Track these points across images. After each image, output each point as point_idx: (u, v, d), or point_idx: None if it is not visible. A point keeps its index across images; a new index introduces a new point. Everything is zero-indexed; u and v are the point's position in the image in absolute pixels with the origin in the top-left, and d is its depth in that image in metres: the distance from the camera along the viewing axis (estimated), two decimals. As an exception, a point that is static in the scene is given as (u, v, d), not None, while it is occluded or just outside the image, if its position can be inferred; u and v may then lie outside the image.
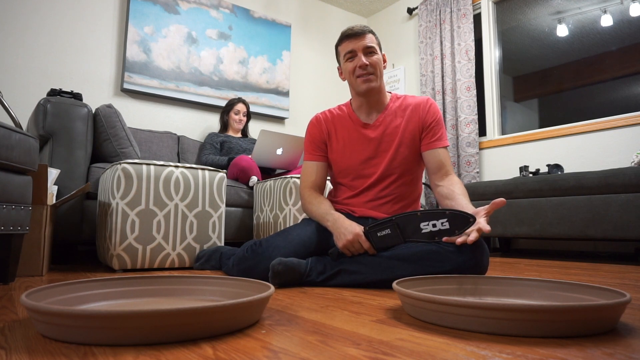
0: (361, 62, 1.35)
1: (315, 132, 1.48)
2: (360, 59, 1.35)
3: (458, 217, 0.91)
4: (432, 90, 3.64)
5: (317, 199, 1.39)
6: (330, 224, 1.28)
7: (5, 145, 1.17)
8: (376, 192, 1.41)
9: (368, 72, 1.36)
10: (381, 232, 1.04)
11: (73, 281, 0.83)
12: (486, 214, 1.12)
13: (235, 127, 3.06)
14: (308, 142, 1.50)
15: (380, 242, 1.09)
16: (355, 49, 1.36)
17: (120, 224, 1.68)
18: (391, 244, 1.10)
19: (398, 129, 1.41)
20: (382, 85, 1.42)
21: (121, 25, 3.09)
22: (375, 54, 1.37)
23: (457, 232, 0.90)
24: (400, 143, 1.40)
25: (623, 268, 1.89)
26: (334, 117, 1.49)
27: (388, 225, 1.01)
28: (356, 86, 1.39)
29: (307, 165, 1.48)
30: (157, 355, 0.57)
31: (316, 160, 1.48)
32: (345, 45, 1.38)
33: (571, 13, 3.15)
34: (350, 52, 1.37)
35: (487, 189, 2.72)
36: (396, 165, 1.40)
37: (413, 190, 1.44)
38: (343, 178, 1.47)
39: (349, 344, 0.62)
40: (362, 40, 1.36)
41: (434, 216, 0.91)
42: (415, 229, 0.91)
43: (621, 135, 2.68)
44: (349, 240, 1.20)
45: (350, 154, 1.43)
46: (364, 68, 1.35)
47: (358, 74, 1.37)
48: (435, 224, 0.81)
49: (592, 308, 0.64)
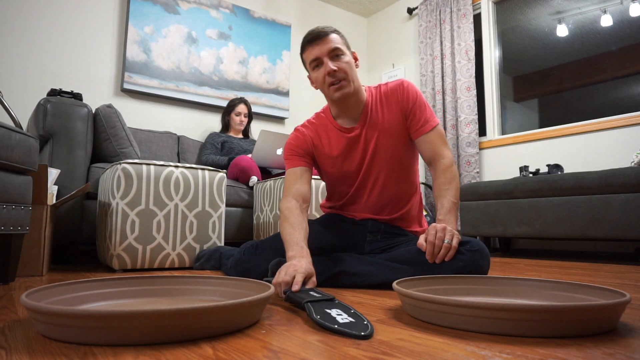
0: (329, 69, 1.23)
1: (299, 143, 1.37)
2: (328, 65, 1.24)
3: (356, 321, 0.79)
4: (432, 90, 3.64)
5: (296, 219, 1.20)
6: (289, 255, 1.10)
7: (6, 145, 1.17)
8: (371, 193, 1.37)
9: (338, 78, 1.25)
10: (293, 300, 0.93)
11: (73, 281, 0.83)
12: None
13: (236, 128, 3.06)
14: (289, 152, 1.37)
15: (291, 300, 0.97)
16: (319, 56, 1.25)
17: (120, 224, 1.68)
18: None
19: (378, 122, 1.33)
20: (357, 84, 1.31)
21: (121, 25, 3.09)
22: (342, 55, 1.26)
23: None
24: (379, 133, 1.32)
25: (623, 268, 1.89)
26: (316, 127, 1.39)
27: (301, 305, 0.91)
28: (330, 95, 1.29)
29: (289, 173, 1.34)
30: (157, 355, 0.57)
31: (301, 166, 1.34)
32: (309, 52, 1.27)
33: (571, 13, 3.14)
34: (316, 60, 1.26)
35: (487, 189, 2.72)
36: (383, 158, 1.33)
37: (409, 185, 1.38)
38: (337, 187, 1.42)
39: (349, 344, 0.62)
40: (325, 44, 1.24)
41: (343, 309, 0.80)
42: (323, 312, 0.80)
43: (621, 135, 2.68)
44: (281, 282, 0.96)
45: (341, 163, 1.36)
46: (332, 75, 1.24)
47: (328, 82, 1.26)
48: (341, 314, 0.77)
49: (592, 308, 0.64)
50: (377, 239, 1.37)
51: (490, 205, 2.70)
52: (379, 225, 1.38)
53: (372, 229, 1.38)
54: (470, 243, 1.15)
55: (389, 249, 1.32)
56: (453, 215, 1.21)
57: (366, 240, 1.38)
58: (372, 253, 1.34)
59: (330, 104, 1.37)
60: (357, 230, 1.39)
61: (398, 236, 1.37)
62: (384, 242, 1.36)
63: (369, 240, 1.37)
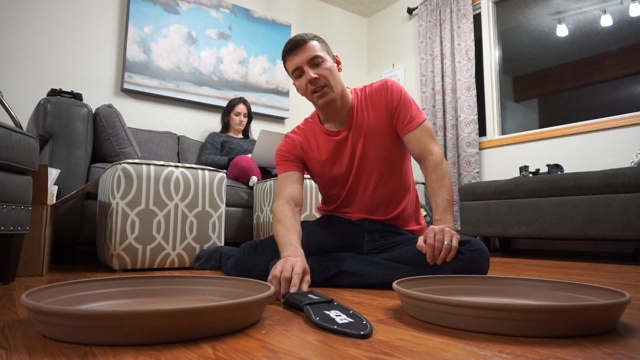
0: (310, 77, 1.25)
1: (289, 149, 1.40)
2: (308, 73, 1.26)
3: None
4: (432, 90, 3.64)
5: (289, 221, 1.22)
6: (284, 255, 1.12)
7: (6, 145, 1.17)
8: (363, 194, 1.37)
9: (320, 85, 1.26)
10: (293, 301, 0.93)
11: (73, 281, 0.83)
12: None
13: (236, 128, 3.06)
14: (280, 158, 1.40)
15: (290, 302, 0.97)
16: (299, 65, 1.26)
17: (120, 224, 1.68)
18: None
19: (364, 124, 1.34)
20: (341, 89, 1.32)
21: (121, 25, 3.09)
22: (323, 61, 1.27)
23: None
24: (366, 135, 1.33)
25: (623, 268, 1.89)
26: (305, 132, 1.42)
27: (301, 307, 0.91)
28: (314, 101, 1.31)
29: (281, 178, 1.37)
30: (157, 355, 0.57)
31: (292, 170, 1.37)
32: (290, 61, 1.29)
33: (571, 13, 3.14)
34: (297, 70, 1.28)
35: (487, 189, 2.72)
36: (371, 159, 1.34)
37: (402, 184, 1.38)
38: (329, 190, 1.43)
39: (349, 344, 0.62)
40: (305, 52, 1.26)
41: (342, 309, 0.81)
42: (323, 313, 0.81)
43: (621, 135, 2.68)
44: (278, 276, 1.00)
45: (330, 167, 1.38)
46: (314, 83, 1.26)
47: (311, 89, 1.28)
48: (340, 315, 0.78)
49: (592, 308, 0.64)
50: (376, 238, 1.38)
51: (490, 205, 2.70)
52: (376, 225, 1.39)
53: (370, 229, 1.39)
54: (470, 242, 1.16)
55: (389, 249, 1.32)
56: (449, 213, 1.22)
57: (365, 240, 1.38)
58: (372, 253, 1.34)
59: (317, 110, 1.39)
60: (355, 231, 1.39)
61: (396, 235, 1.38)
62: (382, 241, 1.36)
63: (367, 240, 1.38)
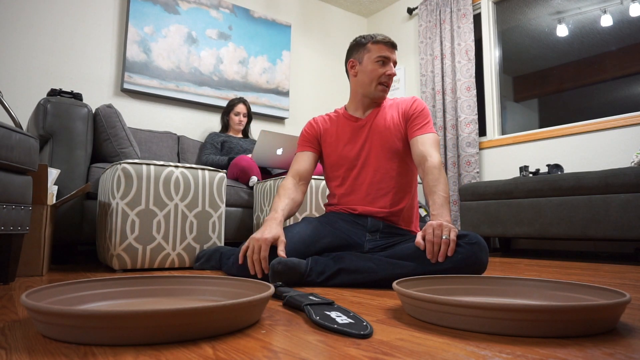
0: (393, 72, 1.43)
1: (310, 130, 1.56)
2: (392, 69, 1.44)
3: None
4: (432, 90, 3.64)
5: (285, 191, 1.43)
6: (266, 218, 1.36)
7: (5, 145, 1.17)
8: (370, 184, 1.43)
9: (389, 83, 1.45)
10: (285, 293, 0.96)
11: (73, 281, 0.83)
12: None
13: (235, 127, 3.06)
14: (300, 139, 1.57)
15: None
16: (391, 59, 1.44)
17: (120, 224, 1.68)
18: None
19: (383, 121, 1.47)
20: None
21: (121, 25, 3.09)
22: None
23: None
24: (382, 130, 1.45)
25: (623, 268, 1.89)
26: (330, 118, 1.57)
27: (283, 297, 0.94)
28: (373, 90, 1.45)
29: (296, 157, 1.55)
30: (157, 355, 0.57)
31: (305, 151, 1.54)
32: (382, 48, 1.43)
33: (571, 13, 3.14)
34: (386, 58, 1.43)
35: (487, 189, 2.72)
36: (382, 149, 1.44)
37: (406, 181, 1.45)
38: (336, 171, 1.50)
39: (349, 344, 0.62)
40: (394, 54, 1.46)
41: (342, 311, 0.82)
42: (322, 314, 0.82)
43: (621, 135, 2.68)
44: (256, 238, 1.25)
45: (343, 146, 1.49)
46: (389, 78, 1.44)
47: (383, 81, 1.44)
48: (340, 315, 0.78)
49: (592, 308, 0.64)
50: (377, 238, 1.39)
51: (490, 205, 2.70)
52: (377, 224, 1.40)
53: (371, 228, 1.40)
54: (468, 236, 1.18)
55: (389, 248, 1.33)
56: (446, 208, 1.25)
57: (365, 239, 1.39)
58: (372, 252, 1.34)
59: (356, 96, 1.51)
60: (357, 230, 1.41)
61: (397, 235, 1.40)
62: (383, 241, 1.38)
63: (368, 239, 1.39)
